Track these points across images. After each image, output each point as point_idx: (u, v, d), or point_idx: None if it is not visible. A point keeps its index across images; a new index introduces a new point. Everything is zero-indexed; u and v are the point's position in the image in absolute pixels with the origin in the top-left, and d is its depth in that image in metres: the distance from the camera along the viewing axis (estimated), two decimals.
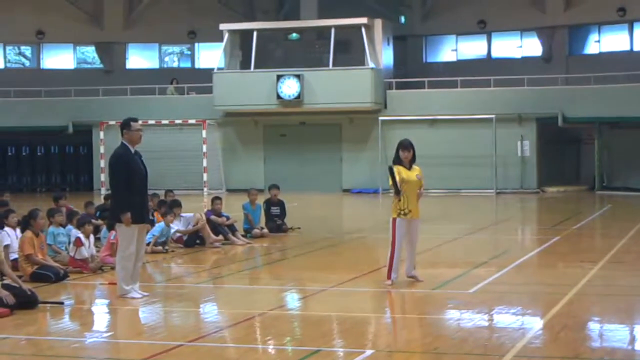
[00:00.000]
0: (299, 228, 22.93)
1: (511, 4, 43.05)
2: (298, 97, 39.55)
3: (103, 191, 38.40)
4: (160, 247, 18.74)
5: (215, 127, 41.22)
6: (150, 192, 14.95)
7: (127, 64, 47.80)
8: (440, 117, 39.55)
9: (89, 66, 48.53)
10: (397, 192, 13.93)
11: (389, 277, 14.01)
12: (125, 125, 13.46)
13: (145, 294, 13.32)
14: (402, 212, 14.01)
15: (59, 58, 48.04)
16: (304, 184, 39.65)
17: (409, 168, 14.16)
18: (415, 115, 39.70)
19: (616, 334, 11.02)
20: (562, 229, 23.33)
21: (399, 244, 14.02)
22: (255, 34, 40.59)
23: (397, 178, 13.91)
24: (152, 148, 34.74)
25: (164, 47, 48.47)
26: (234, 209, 23.55)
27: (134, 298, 13.07)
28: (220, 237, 20.17)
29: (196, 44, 47.60)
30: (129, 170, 13.25)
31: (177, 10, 46.21)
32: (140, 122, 13.82)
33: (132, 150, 13.38)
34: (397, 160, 14.19)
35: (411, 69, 43.85)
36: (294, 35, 42.38)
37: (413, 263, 14.38)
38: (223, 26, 41.18)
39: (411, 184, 14.04)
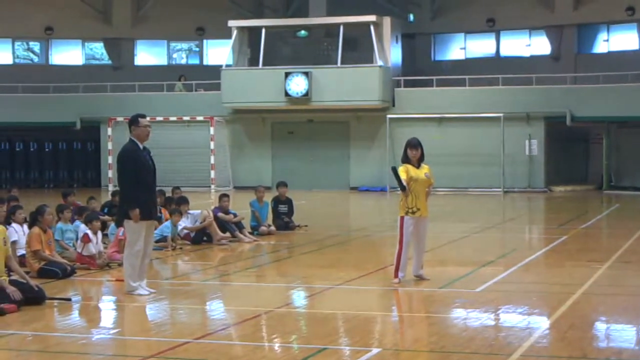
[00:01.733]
0: (306, 226, 22.93)
1: (520, 2, 42.99)
2: (306, 94, 39.57)
3: (111, 187, 38.46)
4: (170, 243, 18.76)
5: (223, 124, 41.26)
6: (157, 189, 14.92)
7: (135, 60, 47.84)
8: (448, 116, 39.53)
9: (97, 62, 48.61)
10: (403, 189, 13.88)
11: (395, 275, 13.97)
12: (134, 121, 13.46)
13: (153, 290, 13.32)
14: (410, 211, 13.97)
15: (68, 54, 48.12)
16: (311, 181, 39.70)
17: (418, 167, 14.15)
18: (423, 114, 39.69)
19: (623, 333, 11.00)
20: (569, 228, 23.31)
21: (407, 242, 13.99)
22: (263, 31, 40.62)
23: (405, 176, 13.92)
24: (160, 145, 34.83)
25: (172, 44, 48.52)
26: (241, 206, 23.55)
27: (141, 295, 13.07)
28: (228, 234, 20.18)
29: (204, 41, 47.63)
30: (137, 166, 13.24)
31: (185, 7, 46.24)
32: (148, 118, 13.84)
33: (141, 147, 13.37)
34: (405, 159, 14.18)
35: (419, 67, 43.83)
36: (303, 32, 42.40)
37: (421, 262, 14.34)
38: (232, 23, 41.23)
39: (420, 182, 14.03)
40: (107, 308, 13.09)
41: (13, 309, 11.80)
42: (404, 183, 13.88)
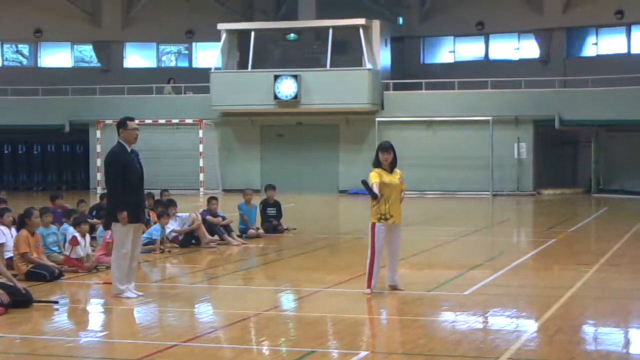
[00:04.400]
0: (294, 229, 22.93)
1: (509, 5, 43.03)
2: (295, 97, 39.55)
3: (99, 190, 38.33)
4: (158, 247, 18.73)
5: (212, 126, 41.21)
6: (145, 191, 14.92)
7: (124, 63, 47.78)
8: (437, 119, 39.55)
9: (86, 65, 48.53)
10: (375, 198, 13.29)
11: (368, 285, 13.41)
12: (122, 124, 13.46)
13: (140, 293, 13.30)
14: (383, 217, 13.42)
15: (57, 56, 48.03)
16: (300, 184, 39.67)
17: (390, 171, 13.59)
18: (412, 117, 39.73)
19: (611, 337, 11.02)
20: (557, 231, 23.33)
21: (379, 250, 13.42)
22: (253, 34, 40.59)
23: (378, 179, 13.34)
24: (149, 147, 34.78)
25: (162, 47, 48.46)
26: (230, 209, 23.53)
27: (128, 298, 13.05)
28: (216, 237, 20.16)
29: (194, 44, 47.60)
30: (125, 169, 13.23)
31: (175, 10, 46.18)
32: (136, 121, 13.82)
33: (129, 149, 13.38)
34: (377, 163, 13.62)
35: (408, 70, 43.84)
36: (292, 35, 42.38)
37: (395, 271, 13.81)
38: (221, 26, 41.17)
39: (393, 187, 13.45)
40: (95, 311, 13.07)
41: (0, 311, 11.77)
42: (375, 191, 13.26)
